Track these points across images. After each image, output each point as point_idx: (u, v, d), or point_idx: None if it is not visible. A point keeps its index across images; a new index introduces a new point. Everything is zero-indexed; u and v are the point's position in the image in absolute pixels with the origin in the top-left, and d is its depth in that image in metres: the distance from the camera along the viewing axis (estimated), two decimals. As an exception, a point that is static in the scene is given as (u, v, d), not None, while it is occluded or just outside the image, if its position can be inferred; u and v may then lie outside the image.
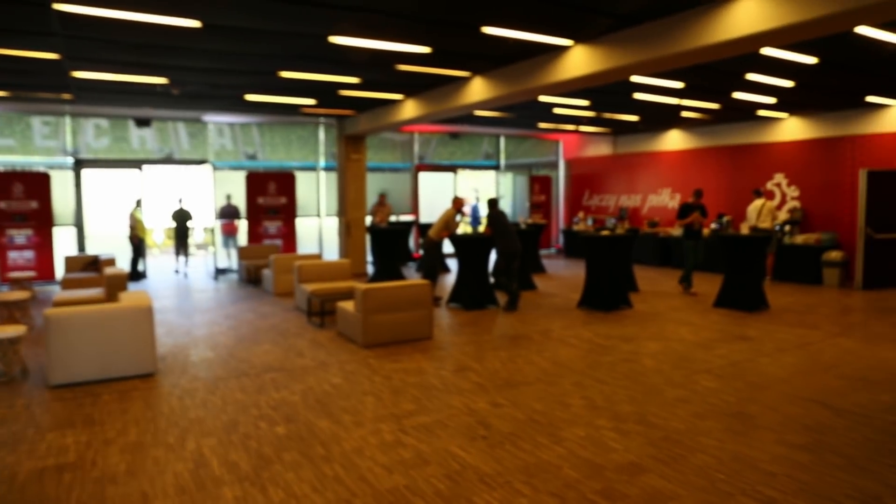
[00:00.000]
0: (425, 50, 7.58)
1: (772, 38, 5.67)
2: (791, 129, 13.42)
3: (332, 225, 14.98)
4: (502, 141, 18.25)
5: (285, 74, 9.04)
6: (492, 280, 9.86)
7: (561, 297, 10.69)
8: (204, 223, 14.31)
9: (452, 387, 5.78)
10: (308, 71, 8.90)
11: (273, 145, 15.23)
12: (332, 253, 14.74)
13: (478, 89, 9.13)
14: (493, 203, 9.70)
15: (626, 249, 9.90)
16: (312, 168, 15.36)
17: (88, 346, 5.87)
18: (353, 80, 9.55)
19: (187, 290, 11.77)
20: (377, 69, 8.81)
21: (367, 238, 13.52)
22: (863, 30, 6.43)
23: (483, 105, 9.76)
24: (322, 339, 7.69)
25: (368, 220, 14.24)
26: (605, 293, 9.42)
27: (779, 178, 13.59)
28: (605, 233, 10.14)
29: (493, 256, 9.78)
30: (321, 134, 15.26)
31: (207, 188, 13.73)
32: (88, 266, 10.25)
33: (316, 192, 15.27)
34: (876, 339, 7.51)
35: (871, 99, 11.23)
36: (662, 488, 3.77)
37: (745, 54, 6.88)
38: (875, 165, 11.73)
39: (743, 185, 14.07)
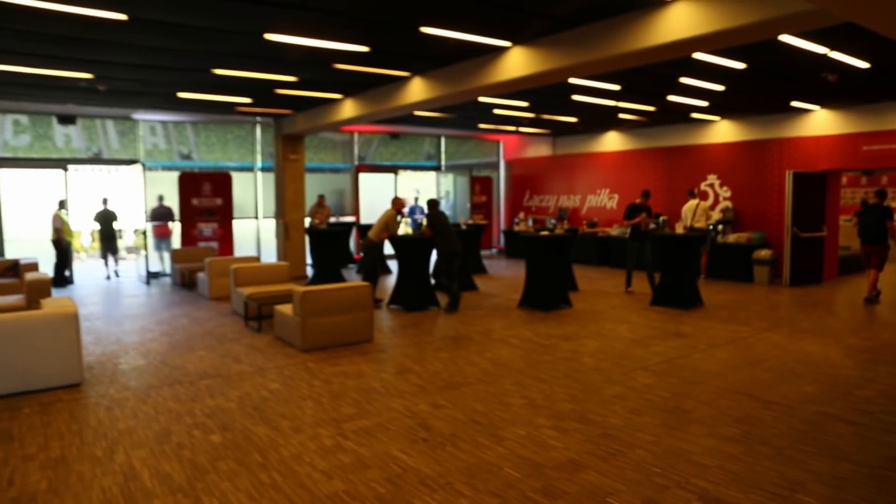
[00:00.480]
0: (363, 49, 7.50)
1: (702, 43, 5.83)
2: (723, 131, 13.89)
3: (270, 227, 14.67)
4: (443, 141, 18.27)
5: (219, 72, 8.79)
6: (433, 281, 9.85)
7: (502, 297, 10.76)
8: (134, 225, 13.76)
9: (393, 389, 5.72)
10: (243, 69, 8.68)
11: (209, 145, 14.84)
12: (270, 255, 14.43)
13: (417, 89, 9.09)
14: (432, 204, 9.69)
15: (566, 249, 10.04)
16: (250, 168, 15.03)
17: (7, 357, 5.54)
18: (290, 78, 9.37)
19: (117, 296, 11.31)
20: (314, 68, 8.66)
21: (307, 240, 13.29)
22: (786, 38, 6.69)
23: (423, 105, 9.74)
24: (260, 344, 7.50)
25: (307, 221, 14.00)
26: (545, 293, 9.53)
27: (712, 178, 14.06)
28: (544, 233, 10.26)
29: (433, 257, 9.76)
30: (258, 133, 14.94)
31: (138, 189, 13.21)
32: (7, 271, 9.72)
33: (253, 193, 14.94)
34: (801, 334, 7.83)
35: (795, 104, 11.72)
36: (601, 484, 3.81)
37: (678, 58, 7.09)
38: (800, 167, 12.27)
39: (678, 185, 14.48)
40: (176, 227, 13.71)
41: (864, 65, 8.25)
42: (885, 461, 4.13)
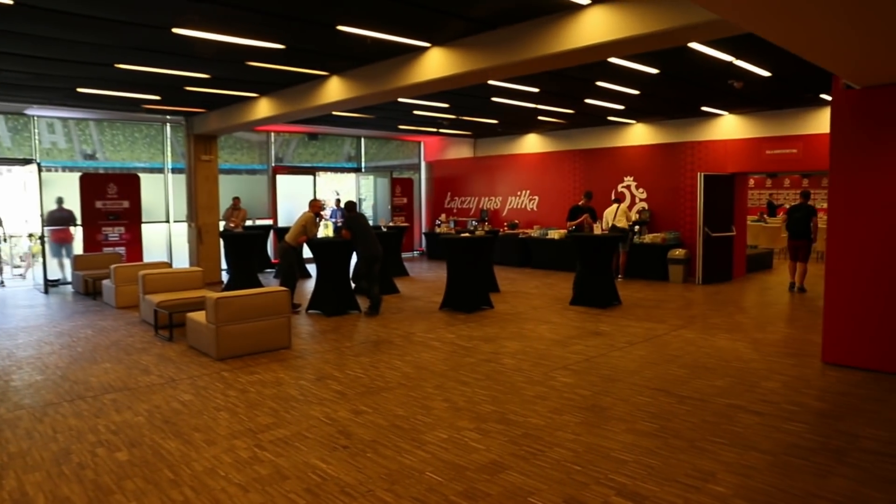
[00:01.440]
0: (278, 46, 7.29)
1: (616, 48, 5.98)
2: (639, 134, 14.35)
3: (182, 231, 14.06)
4: (363, 143, 18.08)
5: (123, 67, 8.33)
6: (353, 285, 9.69)
7: (423, 299, 10.72)
8: (29, 230, 12.82)
9: (312, 396, 5.55)
10: (149, 64, 8.26)
11: (115, 144, 14.05)
12: (182, 261, 13.84)
13: (335, 89, 8.93)
14: (351, 206, 9.53)
15: (487, 251, 10.10)
16: (160, 169, 14.37)
17: None
18: (202, 75, 9.00)
19: (10, 306, 10.55)
20: (227, 65, 8.36)
21: (221, 244, 12.81)
22: (695, 45, 6.95)
23: (341, 105, 9.57)
24: (171, 354, 7.15)
25: (222, 225, 13.50)
26: (466, 295, 9.54)
27: (628, 180, 14.50)
28: (465, 235, 10.28)
29: (353, 261, 9.60)
30: (168, 133, 14.31)
31: (33, 191, 12.34)
32: None
33: (164, 196, 14.30)
34: (713, 330, 8.16)
35: (705, 108, 12.25)
36: (522, 484, 3.81)
37: (595, 63, 7.23)
38: (710, 169, 12.84)
39: (597, 186, 14.80)
40: (78, 232, 12.90)
41: (766, 73, 8.70)
42: (788, 448, 4.32)
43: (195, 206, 13.27)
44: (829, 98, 11.08)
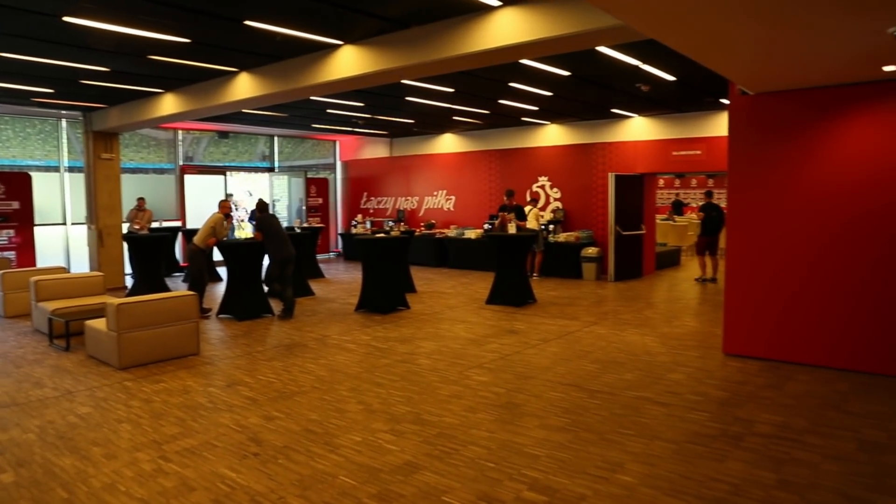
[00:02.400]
0: (183, 40, 6.99)
1: (527, 50, 6.08)
2: (552, 135, 14.65)
3: (81, 233, 13.27)
4: (276, 141, 17.67)
5: (7, 55, 7.74)
6: (265, 288, 9.43)
7: (339, 301, 10.57)
8: None
9: (222, 404, 5.35)
10: (39, 54, 7.72)
11: (3, 140, 13.13)
12: (82, 265, 13.08)
13: (245, 86, 8.66)
14: (262, 206, 9.27)
15: (402, 251, 10.06)
16: (55, 168, 13.51)
17: None
18: (99, 68, 8.51)
19: None
20: (127, 58, 7.93)
21: (125, 247, 12.17)
22: (604, 49, 7.17)
23: (251, 103, 9.31)
24: (68, 365, 6.73)
25: (125, 227, 12.83)
26: (382, 296, 9.48)
27: (543, 180, 14.79)
28: (380, 235, 10.21)
29: (266, 263, 9.35)
30: (64, 128, 13.48)
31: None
32: None
33: (60, 196, 13.46)
34: (623, 325, 8.44)
35: (616, 110, 12.66)
36: (437, 483, 3.80)
37: (508, 64, 7.33)
38: (621, 170, 13.28)
39: (513, 186, 14.97)
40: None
41: (671, 78, 9.08)
42: (691, 436, 4.51)
43: (95, 207, 12.54)
44: (727, 102, 11.72)
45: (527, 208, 12.86)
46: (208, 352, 7.18)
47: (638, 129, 13.42)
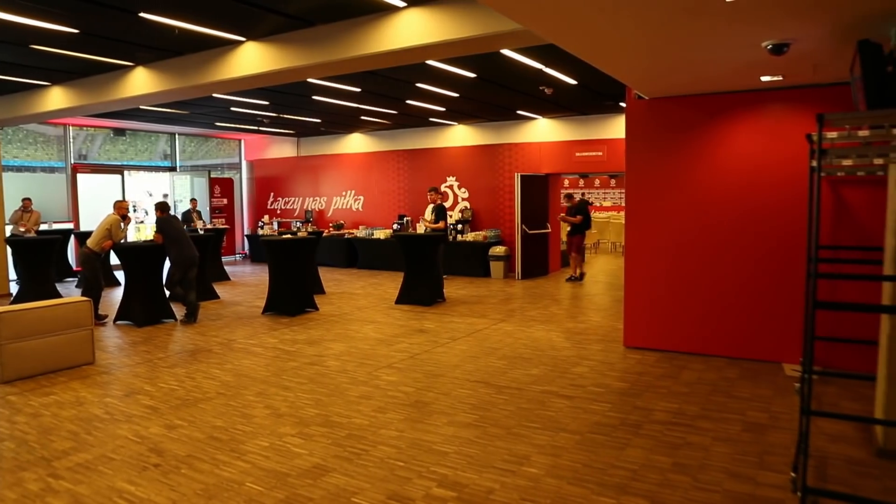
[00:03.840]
0: (71, 30, 6.60)
1: (431, 51, 6.15)
2: (460, 135, 14.84)
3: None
4: (177, 140, 16.99)
5: None
6: (167, 292, 9.05)
7: (245, 304, 10.29)
8: None
9: (119, 414, 5.10)
10: None
11: None
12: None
13: (141, 82, 8.29)
14: (161, 207, 8.89)
15: (310, 252, 9.92)
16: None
17: None
18: (-24, 60, 7.93)
19: None
20: (6, 47, 7.42)
21: (8, 251, 11.36)
22: (508, 52, 7.34)
23: (149, 99, 8.92)
24: (-58, 378, 6.21)
25: (9, 229, 11.96)
26: (289, 298, 9.31)
27: (451, 180, 14.95)
28: (287, 236, 10.03)
29: (167, 266, 8.98)
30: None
31: None
32: None
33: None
34: (530, 322, 8.66)
35: (521, 112, 12.96)
36: (346, 485, 3.78)
37: (414, 65, 7.37)
38: (527, 170, 13.61)
39: (421, 186, 15.16)
40: None
41: (572, 81, 9.40)
42: (593, 426, 4.71)
43: (-26, 208, 11.64)
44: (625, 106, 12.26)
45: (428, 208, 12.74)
46: (105, 360, 6.81)
47: (543, 130, 13.80)
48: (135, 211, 15.49)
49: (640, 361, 6.61)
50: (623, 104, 11.90)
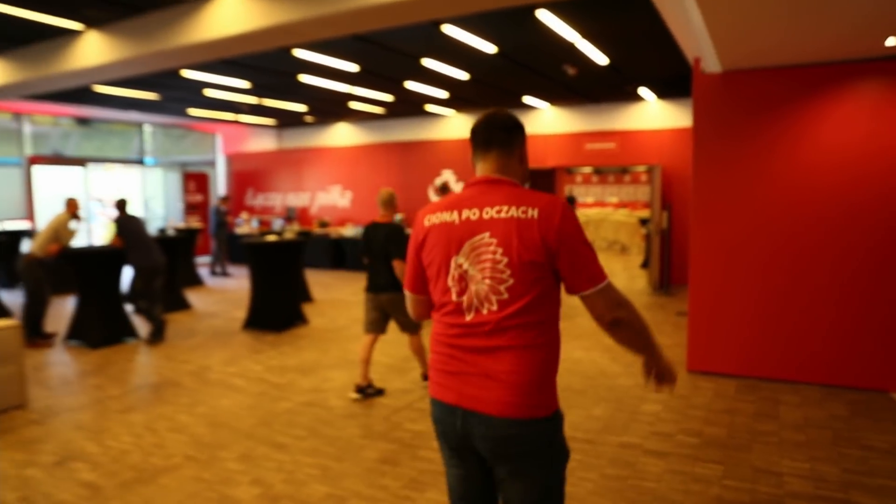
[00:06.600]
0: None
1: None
2: (457, 126, 13.82)
3: None
4: (147, 130, 15.40)
5: None
6: (128, 306, 7.56)
7: (223, 316, 8.82)
8: None
9: (45, 498, 3.64)
10: None
11: None
12: None
13: (94, 49, 6.81)
14: (120, 205, 7.37)
15: (297, 256, 8.47)
16: None
17: None
18: None
19: None
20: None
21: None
22: (544, 16, 6.02)
23: (105, 73, 7.41)
24: None
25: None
26: (275, 310, 7.88)
27: (447, 174, 13.69)
28: (271, 238, 8.61)
29: (129, 274, 7.49)
30: None
31: None
32: None
33: None
34: (563, 337, 7.30)
35: (527, 99, 11.69)
36: None
37: (428, 31, 6.00)
38: (531, 164, 12.20)
39: (414, 181, 13.93)
40: None
41: (604, 60, 8.10)
42: (712, 509, 3.38)
43: None
44: (646, 95, 11.01)
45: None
46: (41, 401, 5.31)
47: (549, 120, 12.60)
48: (104, 209, 13.93)
49: (718, 393, 5.32)
50: (647, 91, 10.66)
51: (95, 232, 14.05)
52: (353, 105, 12.30)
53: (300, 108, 12.70)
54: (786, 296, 5.55)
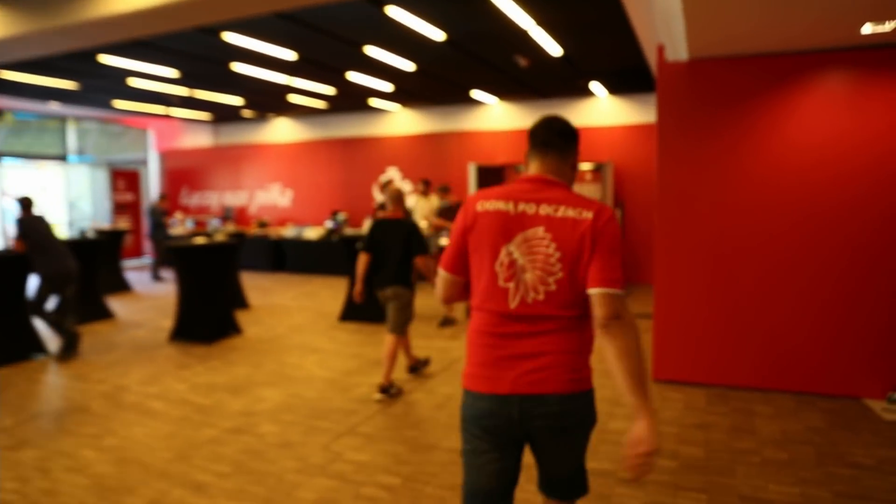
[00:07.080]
0: None
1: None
2: (403, 122, 13.37)
3: None
4: (70, 125, 14.30)
5: None
6: (34, 318, 6.72)
7: (148, 326, 8.04)
8: None
9: None
10: None
11: None
12: None
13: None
14: (25, 204, 6.54)
15: (230, 260, 7.76)
16: None
17: None
18: None
19: None
20: None
21: None
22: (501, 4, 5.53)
23: (2, 51, 6.53)
24: None
25: None
26: (205, 319, 7.18)
27: (392, 171, 13.17)
28: (200, 240, 7.89)
29: (34, 282, 6.67)
30: None
31: None
32: None
33: None
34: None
35: (476, 94, 11.24)
36: None
37: (370, 13, 5.45)
38: (480, 160, 11.85)
39: (357, 179, 13.38)
40: None
41: (557, 51, 7.69)
42: None
43: None
44: (597, 90, 10.70)
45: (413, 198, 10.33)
46: (-83, 432, 4.53)
47: (497, 116, 12.24)
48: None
49: (688, 405, 4.95)
50: (598, 86, 10.34)
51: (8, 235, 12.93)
52: (293, 98, 11.60)
53: (236, 101, 11.91)
54: (756, 300, 5.23)
